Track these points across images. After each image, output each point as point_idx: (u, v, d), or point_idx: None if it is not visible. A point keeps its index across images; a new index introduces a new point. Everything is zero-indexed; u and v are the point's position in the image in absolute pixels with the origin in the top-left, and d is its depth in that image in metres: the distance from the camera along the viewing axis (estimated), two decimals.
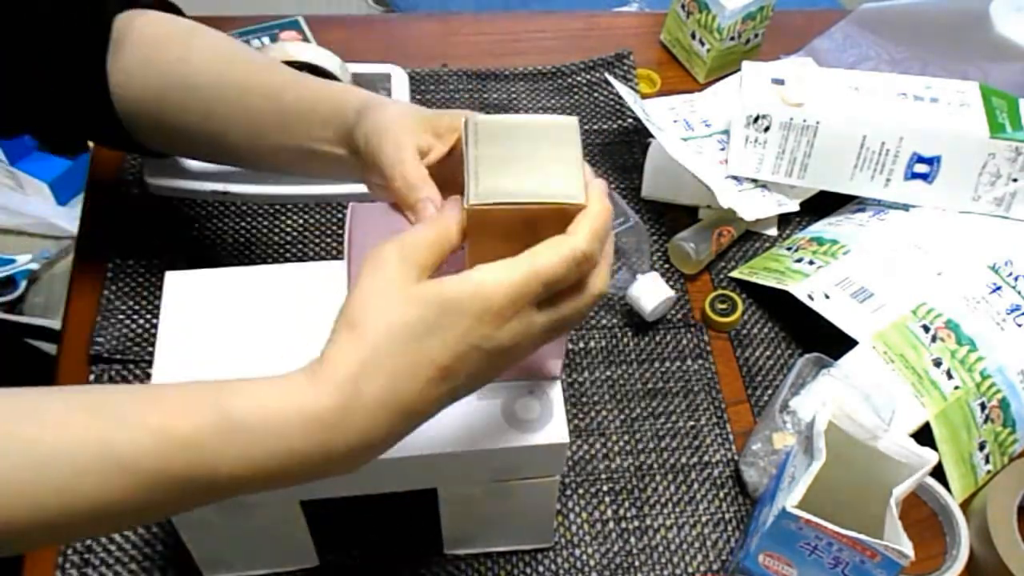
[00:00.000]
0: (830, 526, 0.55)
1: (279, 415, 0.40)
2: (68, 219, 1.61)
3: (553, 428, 0.55)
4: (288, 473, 0.41)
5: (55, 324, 1.22)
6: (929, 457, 0.57)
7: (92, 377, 0.71)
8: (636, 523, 0.70)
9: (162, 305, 0.57)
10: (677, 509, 0.71)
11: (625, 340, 0.79)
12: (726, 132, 0.88)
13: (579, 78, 0.99)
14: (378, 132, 0.52)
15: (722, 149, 0.87)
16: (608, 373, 0.77)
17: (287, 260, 0.81)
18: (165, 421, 0.39)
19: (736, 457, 0.73)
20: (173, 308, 0.58)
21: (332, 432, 0.40)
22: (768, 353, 0.80)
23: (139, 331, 0.74)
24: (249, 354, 0.56)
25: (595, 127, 0.95)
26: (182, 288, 0.58)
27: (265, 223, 0.83)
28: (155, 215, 0.82)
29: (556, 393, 0.56)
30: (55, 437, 0.38)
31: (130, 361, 0.73)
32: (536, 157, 0.43)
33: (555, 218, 0.43)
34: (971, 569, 0.68)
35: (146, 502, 0.39)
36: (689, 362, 0.79)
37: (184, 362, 0.55)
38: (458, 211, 0.44)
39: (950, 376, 0.71)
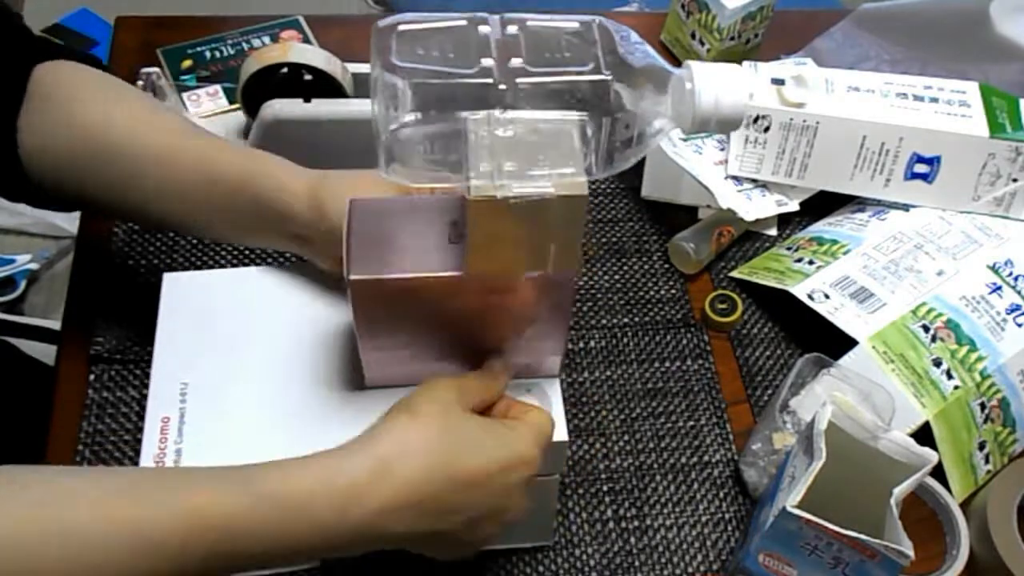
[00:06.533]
0: (830, 526, 0.55)
1: (305, 491, 0.43)
2: (68, 219, 1.61)
3: None
4: (310, 547, 0.44)
5: (55, 324, 1.22)
6: (929, 457, 0.57)
7: (92, 377, 0.71)
8: (636, 523, 0.70)
9: (160, 306, 0.57)
10: (677, 509, 0.71)
11: (625, 340, 0.79)
12: None
13: None
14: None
15: (722, 149, 0.87)
16: (608, 373, 0.77)
17: (287, 260, 0.81)
18: (198, 505, 0.42)
19: (736, 457, 0.73)
20: (171, 309, 0.57)
21: (352, 500, 0.43)
22: (768, 353, 0.80)
23: (139, 331, 0.74)
24: (247, 354, 0.56)
25: None
26: (180, 289, 0.58)
27: None
28: None
29: (555, 391, 0.56)
30: (91, 519, 0.41)
31: (130, 361, 0.73)
32: (536, 151, 0.43)
33: (556, 211, 0.43)
34: (971, 569, 0.68)
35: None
36: (689, 362, 0.79)
37: (182, 363, 0.55)
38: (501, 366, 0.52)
39: (950, 376, 0.71)
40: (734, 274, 0.84)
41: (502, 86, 0.43)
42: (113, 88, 0.61)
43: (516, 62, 0.44)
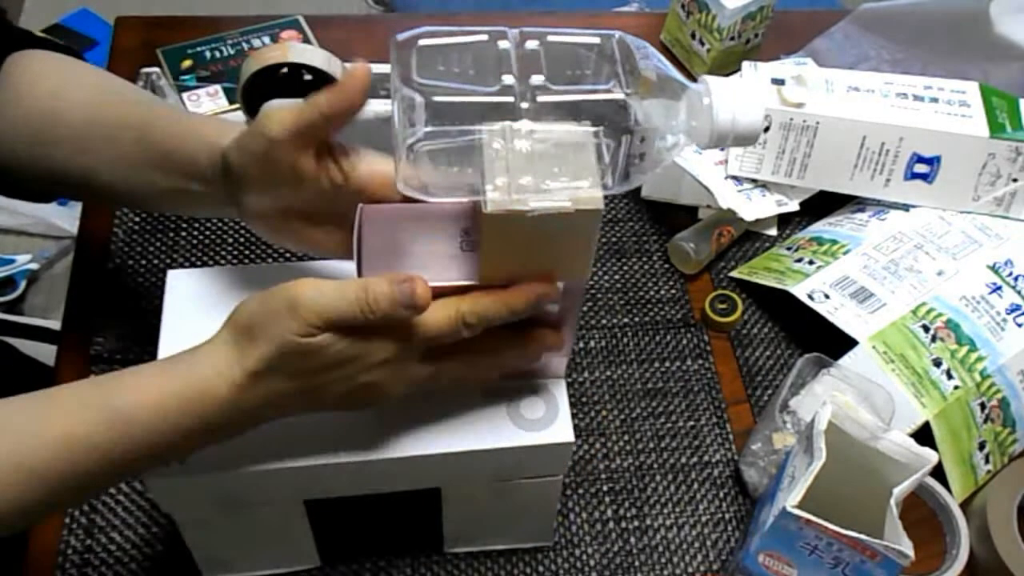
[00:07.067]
0: (830, 526, 0.55)
1: (161, 404, 0.46)
2: (68, 219, 1.61)
3: (558, 427, 0.55)
4: (177, 446, 0.47)
5: (55, 324, 1.22)
6: (929, 457, 0.57)
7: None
8: (636, 523, 0.70)
9: (164, 303, 0.57)
10: (677, 509, 0.71)
11: (625, 340, 0.79)
12: None
13: None
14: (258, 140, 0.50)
15: (722, 150, 0.87)
16: (608, 373, 0.77)
17: (289, 259, 0.81)
18: (64, 429, 0.45)
19: (736, 457, 0.73)
20: (175, 306, 0.57)
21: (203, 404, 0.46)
22: (768, 353, 0.80)
23: (139, 331, 0.74)
24: None
25: None
26: (184, 286, 0.58)
27: None
28: (155, 215, 0.82)
29: (561, 393, 0.56)
30: None
31: (130, 361, 0.73)
32: (552, 164, 0.43)
33: (571, 224, 0.43)
34: (971, 569, 0.68)
35: (62, 496, 0.46)
36: (689, 362, 0.79)
37: None
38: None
39: (950, 376, 0.71)
40: (734, 274, 0.84)
41: (524, 104, 0.43)
42: (70, 70, 0.61)
43: (537, 79, 0.44)
